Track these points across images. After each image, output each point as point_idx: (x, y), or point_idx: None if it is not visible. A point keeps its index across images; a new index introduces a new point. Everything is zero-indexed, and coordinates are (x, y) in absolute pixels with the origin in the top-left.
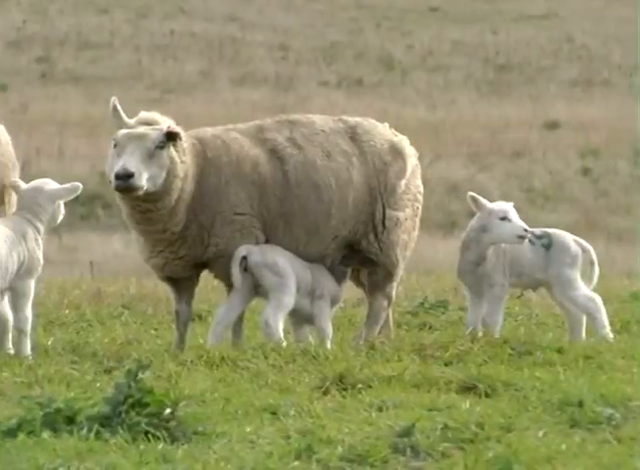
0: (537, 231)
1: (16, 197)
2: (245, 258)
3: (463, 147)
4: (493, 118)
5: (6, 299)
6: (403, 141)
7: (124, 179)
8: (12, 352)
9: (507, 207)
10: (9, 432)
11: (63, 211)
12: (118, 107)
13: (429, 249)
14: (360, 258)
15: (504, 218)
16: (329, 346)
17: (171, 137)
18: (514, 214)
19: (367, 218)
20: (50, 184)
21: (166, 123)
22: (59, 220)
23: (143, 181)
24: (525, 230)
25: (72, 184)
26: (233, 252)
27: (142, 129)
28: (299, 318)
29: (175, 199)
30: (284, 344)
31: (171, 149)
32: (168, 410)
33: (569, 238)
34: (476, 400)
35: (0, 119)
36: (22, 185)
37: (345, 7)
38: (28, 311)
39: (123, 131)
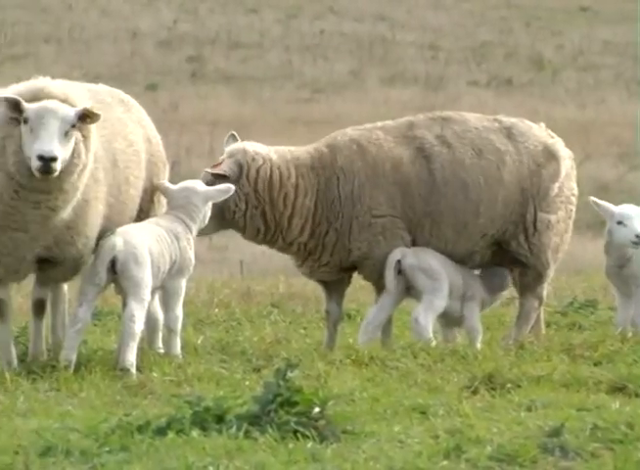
0: None
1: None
2: (399, 261)
3: (613, 147)
4: None
5: (157, 298)
6: (557, 143)
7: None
8: (162, 350)
9: (627, 210)
10: (159, 430)
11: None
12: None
13: (578, 249)
14: (510, 258)
15: (620, 223)
16: (478, 346)
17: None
18: (634, 219)
19: (517, 219)
20: (201, 185)
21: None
22: (207, 221)
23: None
24: (637, 236)
25: (226, 186)
26: (378, 254)
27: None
28: (449, 321)
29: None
30: (433, 343)
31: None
32: (317, 409)
33: None
34: (625, 401)
35: (151, 119)
36: (170, 186)
37: (495, 6)
38: (179, 310)
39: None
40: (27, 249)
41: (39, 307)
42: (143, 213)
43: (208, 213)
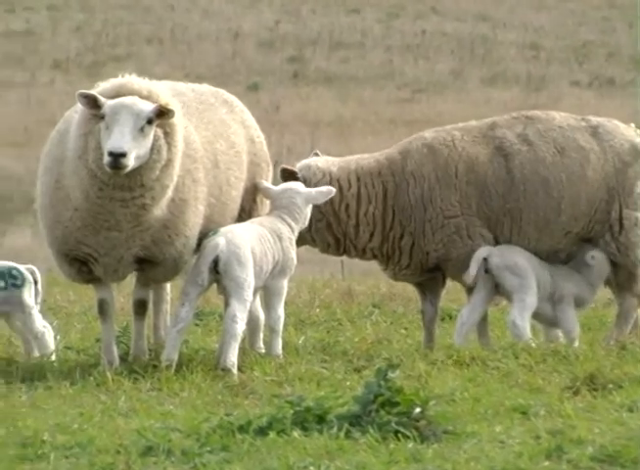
0: None
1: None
2: (485, 259)
3: None
4: None
5: (258, 298)
6: None
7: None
8: (263, 350)
9: None
10: (260, 430)
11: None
12: None
13: None
14: None
15: None
16: (576, 344)
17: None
18: None
19: (603, 217)
20: (302, 186)
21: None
22: (307, 223)
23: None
24: None
25: (327, 188)
26: (457, 254)
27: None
28: (544, 321)
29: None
30: (533, 344)
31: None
32: (418, 410)
33: None
34: None
35: (253, 119)
36: (271, 186)
37: (598, 6)
38: (281, 310)
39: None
40: (124, 248)
41: (140, 307)
42: (245, 214)
43: (309, 215)
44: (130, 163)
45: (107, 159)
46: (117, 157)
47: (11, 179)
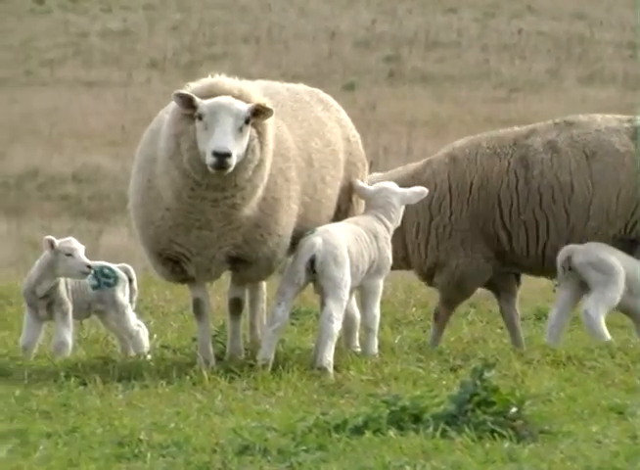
0: None
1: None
2: (569, 258)
3: None
4: None
5: (354, 297)
6: None
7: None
8: (359, 349)
9: None
10: (356, 430)
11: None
12: None
13: None
14: None
15: None
16: None
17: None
18: None
19: None
20: (397, 186)
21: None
22: (399, 222)
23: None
24: None
25: (420, 188)
26: (456, 263)
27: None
28: (632, 317)
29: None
30: (606, 338)
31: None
32: (514, 409)
33: None
34: None
35: (349, 118)
36: (366, 186)
37: None
38: (377, 310)
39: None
40: (215, 248)
41: (236, 306)
42: (342, 213)
43: (401, 215)
44: (234, 162)
45: (211, 159)
46: (223, 157)
47: (108, 178)
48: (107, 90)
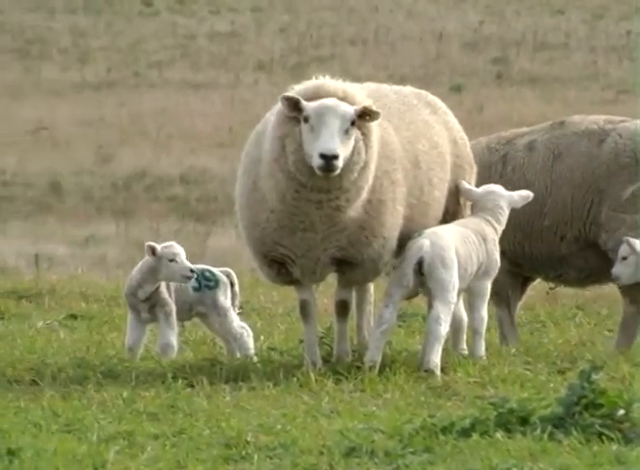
0: None
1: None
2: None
3: None
4: None
5: (461, 299)
6: None
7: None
8: (466, 352)
9: None
10: (462, 432)
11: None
12: None
13: None
14: None
15: None
16: None
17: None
18: None
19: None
20: (503, 189)
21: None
22: (504, 226)
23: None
24: None
25: (527, 192)
26: None
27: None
28: None
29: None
30: None
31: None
32: (622, 411)
33: None
34: None
35: (456, 120)
36: (473, 188)
37: None
38: (484, 312)
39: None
40: (320, 250)
41: (342, 308)
42: (449, 215)
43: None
44: (341, 164)
45: (318, 161)
46: (330, 159)
47: (215, 180)
48: (214, 92)
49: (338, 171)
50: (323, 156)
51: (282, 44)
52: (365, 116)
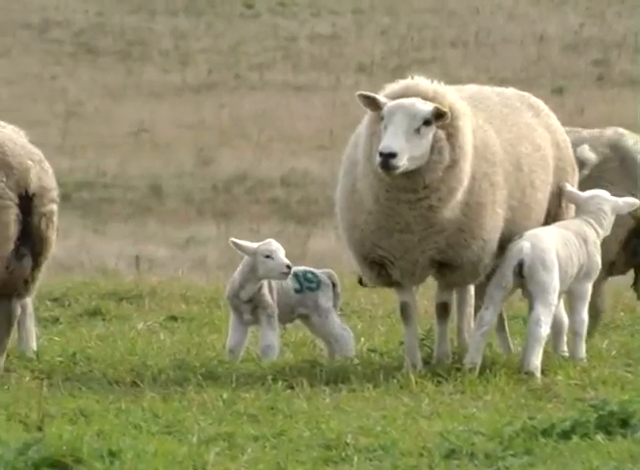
0: None
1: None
2: None
3: None
4: None
5: (562, 301)
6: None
7: None
8: (566, 354)
9: None
10: (563, 434)
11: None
12: None
13: None
14: None
15: None
16: None
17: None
18: None
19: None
20: (608, 194)
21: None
22: (609, 231)
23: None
24: None
25: (633, 199)
26: None
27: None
28: None
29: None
30: None
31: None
32: None
33: None
34: None
35: (559, 123)
36: (578, 192)
37: None
38: (585, 314)
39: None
40: (418, 251)
41: (443, 310)
42: (551, 218)
43: (611, 224)
44: (401, 163)
45: (377, 159)
46: (387, 157)
47: (316, 183)
48: (315, 94)
49: (399, 170)
50: (380, 153)
51: (382, 46)
52: (441, 116)
